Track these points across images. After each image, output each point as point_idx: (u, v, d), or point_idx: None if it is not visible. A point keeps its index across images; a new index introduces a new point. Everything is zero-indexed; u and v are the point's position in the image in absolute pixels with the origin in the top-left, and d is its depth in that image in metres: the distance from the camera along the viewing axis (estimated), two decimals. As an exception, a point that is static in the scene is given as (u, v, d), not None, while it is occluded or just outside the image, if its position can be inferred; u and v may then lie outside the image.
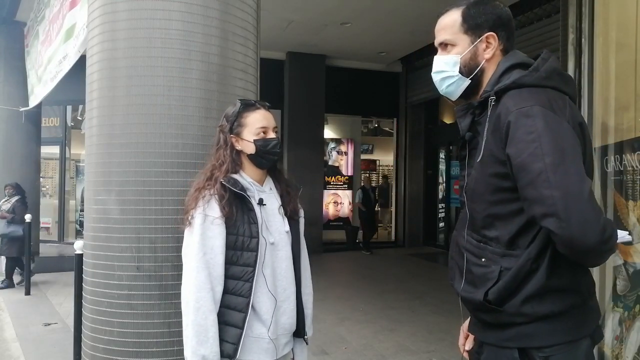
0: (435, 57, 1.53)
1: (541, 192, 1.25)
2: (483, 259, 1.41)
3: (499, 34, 1.46)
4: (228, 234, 1.76)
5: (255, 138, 1.83)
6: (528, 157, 1.27)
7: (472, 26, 1.46)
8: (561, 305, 1.33)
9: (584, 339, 1.36)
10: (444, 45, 1.51)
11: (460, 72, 1.49)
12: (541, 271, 1.32)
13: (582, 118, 1.44)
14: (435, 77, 1.54)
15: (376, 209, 11.24)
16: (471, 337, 1.58)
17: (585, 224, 1.22)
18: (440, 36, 1.52)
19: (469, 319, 1.59)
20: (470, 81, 1.49)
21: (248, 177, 1.85)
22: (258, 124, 1.84)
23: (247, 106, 1.88)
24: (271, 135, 1.86)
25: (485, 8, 1.46)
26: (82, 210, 10.22)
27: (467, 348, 1.58)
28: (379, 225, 11.51)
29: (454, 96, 1.54)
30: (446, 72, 1.51)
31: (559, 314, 1.33)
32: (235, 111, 1.86)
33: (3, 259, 7.78)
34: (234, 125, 1.85)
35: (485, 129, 1.38)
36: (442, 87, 1.55)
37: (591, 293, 1.41)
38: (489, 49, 1.46)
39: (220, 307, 1.75)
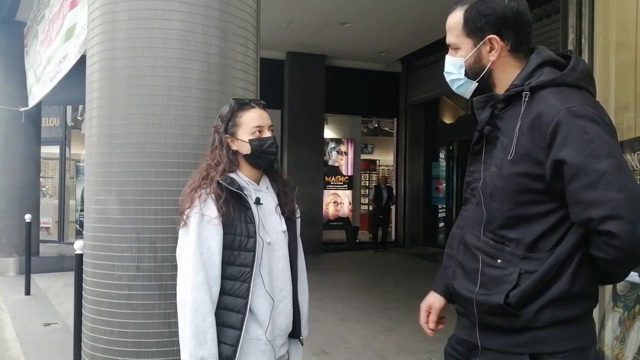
0: (446, 57, 1.50)
1: (604, 194, 1.21)
2: (499, 260, 1.36)
3: (504, 34, 1.39)
4: (225, 233, 1.73)
5: (251, 138, 1.79)
6: (587, 158, 1.23)
7: (473, 30, 1.41)
8: (577, 311, 1.31)
9: (593, 344, 1.35)
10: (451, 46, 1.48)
11: (467, 75, 1.45)
12: (566, 276, 1.29)
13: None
14: (446, 77, 1.51)
15: (391, 208, 11.22)
16: (434, 316, 1.60)
17: None
18: (447, 37, 1.48)
19: (429, 296, 1.62)
20: (477, 84, 1.45)
21: (244, 177, 1.83)
22: (253, 123, 1.81)
23: (242, 105, 1.84)
24: (267, 134, 1.82)
25: (487, 8, 1.39)
26: (82, 210, 10.22)
27: (432, 327, 1.59)
28: (390, 225, 11.54)
29: (466, 96, 1.50)
30: (454, 74, 1.47)
31: (574, 319, 1.31)
32: (229, 111, 1.83)
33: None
34: (229, 125, 1.82)
35: (519, 125, 1.32)
36: (453, 87, 1.52)
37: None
38: (494, 51, 1.40)
39: (218, 308, 1.72)
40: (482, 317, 1.40)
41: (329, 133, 11.64)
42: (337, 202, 11.84)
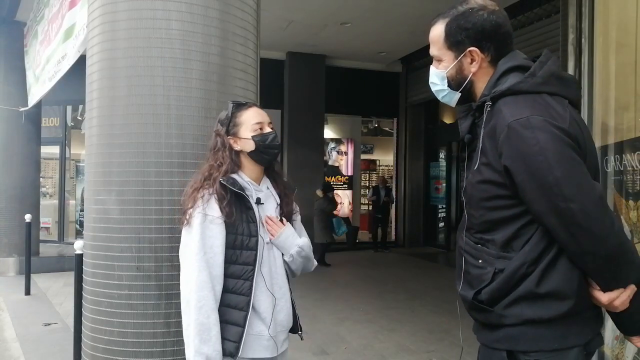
0: (430, 68, 1.54)
1: (557, 205, 1.25)
2: (480, 261, 1.41)
3: (484, 46, 1.43)
4: (227, 233, 1.77)
5: (253, 134, 1.85)
6: (536, 171, 1.26)
7: (454, 43, 1.44)
8: (551, 312, 1.32)
9: (573, 348, 1.34)
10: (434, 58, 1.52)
11: (449, 85, 1.49)
12: (534, 275, 1.32)
13: (583, 121, 1.42)
14: (431, 88, 1.56)
15: (390, 208, 11.28)
16: None
17: (604, 229, 1.25)
18: (430, 49, 1.52)
19: None
20: (460, 94, 1.49)
21: (246, 177, 1.88)
22: (253, 120, 1.87)
23: (239, 106, 1.91)
24: (267, 129, 1.88)
25: (467, 21, 1.42)
26: (82, 210, 10.21)
27: None
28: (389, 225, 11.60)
29: (451, 104, 1.55)
30: (437, 84, 1.52)
31: (547, 321, 1.33)
32: (228, 113, 1.89)
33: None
34: (230, 127, 1.87)
35: (481, 135, 1.38)
36: (438, 97, 1.57)
37: (590, 304, 1.38)
38: (474, 63, 1.44)
39: (221, 306, 1.76)
40: (469, 313, 1.49)
41: (329, 133, 11.64)
42: (337, 202, 11.85)
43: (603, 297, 1.34)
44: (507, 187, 1.33)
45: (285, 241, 1.88)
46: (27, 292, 6.54)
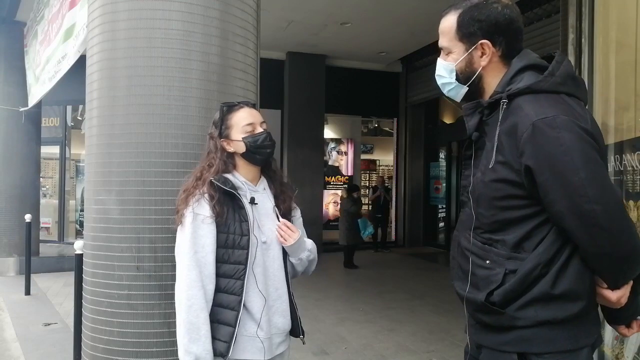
0: (438, 60, 1.52)
1: (581, 206, 1.24)
2: (487, 261, 1.39)
3: (496, 40, 1.41)
4: (219, 232, 1.77)
5: (244, 136, 1.84)
6: (562, 171, 1.25)
7: (466, 34, 1.42)
8: (565, 313, 1.32)
9: (584, 348, 1.35)
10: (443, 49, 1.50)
11: (457, 79, 1.47)
12: (549, 276, 1.31)
13: (596, 123, 1.42)
14: (437, 81, 1.53)
15: (389, 208, 11.32)
16: None
17: (623, 231, 1.26)
18: (440, 40, 1.50)
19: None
20: (467, 88, 1.47)
21: (241, 177, 1.86)
22: (244, 121, 1.86)
23: (231, 107, 1.90)
24: (259, 130, 1.87)
25: (481, 13, 1.40)
26: (82, 210, 10.21)
27: None
28: (389, 225, 11.65)
29: (457, 99, 1.52)
30: (445, 77, 1.49)
31: (561, 322, 1.32)
32: (219, 115, 1.88)
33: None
34: (222, 129, 1.87)
35: (497, 133, 1.35)
36: (444, 91, 1.54)
37: (596, 303, 1.40)
38: (485, 56, 1.42)
39: (213, 305, 1.76)
40: (473, 315, 1.46)
41: (329, 133, 11.63)
42: (337, 202, 11.84)
43: (613, 295, 1.35)
44: (523, 187, 1.31)
45: (299, 247, 1.90)
46: (27, 292, 6.54)
